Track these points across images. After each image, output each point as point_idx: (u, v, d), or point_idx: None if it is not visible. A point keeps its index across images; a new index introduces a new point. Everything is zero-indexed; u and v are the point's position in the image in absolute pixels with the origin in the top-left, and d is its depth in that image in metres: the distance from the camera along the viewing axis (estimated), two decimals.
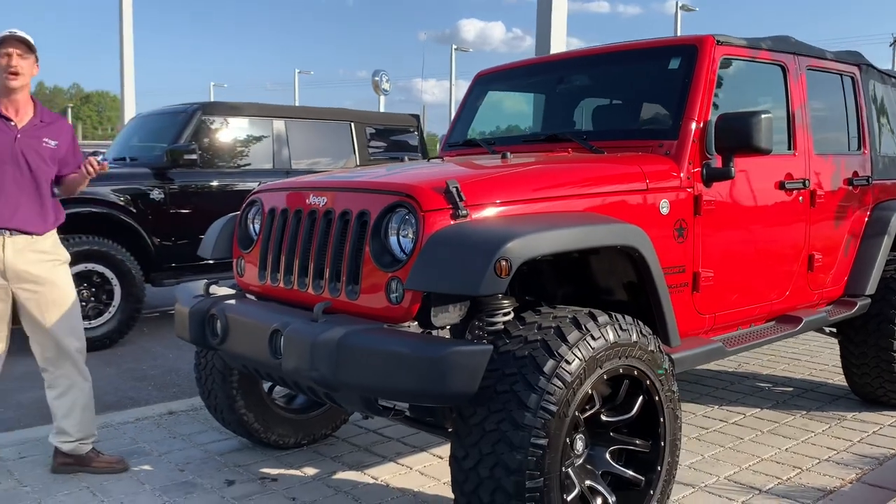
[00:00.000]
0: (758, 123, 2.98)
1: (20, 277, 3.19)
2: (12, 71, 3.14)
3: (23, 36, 3.18)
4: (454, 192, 2.42)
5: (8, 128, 3.19)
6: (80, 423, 3.37)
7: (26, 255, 3.19)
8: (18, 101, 3.24)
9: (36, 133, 3.25)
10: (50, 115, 3.38)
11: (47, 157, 3.26)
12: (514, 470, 2.17)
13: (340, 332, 2.31)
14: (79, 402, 3.37)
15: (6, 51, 3.13)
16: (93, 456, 3.39)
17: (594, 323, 2.38)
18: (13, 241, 3.15)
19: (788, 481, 3.36)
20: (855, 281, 4.11)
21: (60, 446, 3.37)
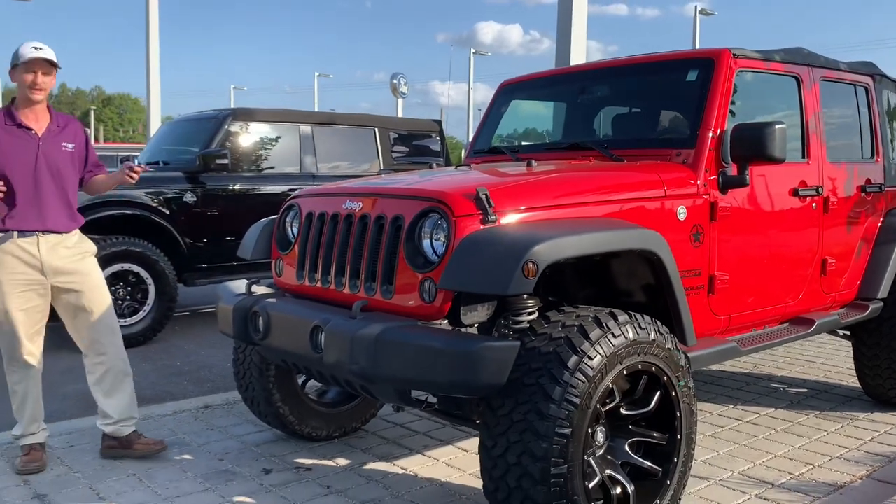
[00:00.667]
0: (772, 133, 3.13)
1: (56, 271, 3.43)
2: (37, 88, 3.38)
3: (48, 57, 3.39)
4: (484, 198, 2.59)
5: (30, 137, 3.41)
6: (119, 405, 3.60)
7: (58, 252, 3.43)
8: (38, 111, 3.46)
9: (55, 138, 3.47)
10: (63, 118, 3.58)
11: (68, 160, 3.50)
12: (540, 457, 2.34)
13: (379, 328, 2.49)
14: (117, 385, 3.61)
15: (33, 69, 3.36)
16: (134, 438, 3.62)
17: (615, 322, 2.54)
18: (46, 239, 3.39)
19: (800, 477, 3.50)
20: (868, 285, 4.23)
21: (103, 428, 3.61)
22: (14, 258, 3.37)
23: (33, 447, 3.51)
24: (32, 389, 3.53)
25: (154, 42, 17.35)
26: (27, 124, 3.41)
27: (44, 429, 3.60)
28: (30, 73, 3.35)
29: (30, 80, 3.35)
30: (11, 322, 3.40)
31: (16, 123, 3.40)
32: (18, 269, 3.37)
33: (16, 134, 3.38)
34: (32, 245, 3.38)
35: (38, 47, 3.39)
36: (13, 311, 3.39)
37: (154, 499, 3.19)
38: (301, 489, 3.30)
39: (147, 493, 3.24)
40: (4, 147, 3.35)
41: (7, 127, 3.38)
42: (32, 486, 3.29)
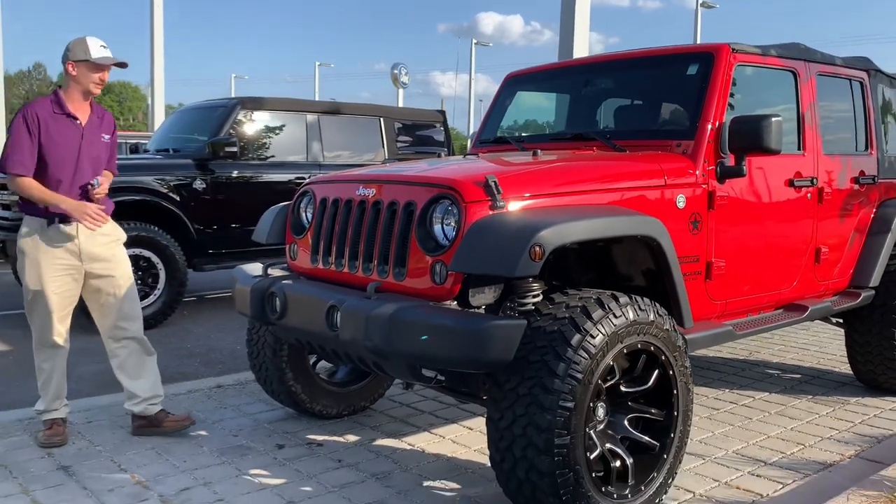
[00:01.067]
0: (768, 126, 3.26)
1: (92, 257, 3.59)
2: (101, 86, 3.59)
3: (119, 61, 3.60)
4: (493, 185, 2.72)
5: (75, 126, 3.55)
6: (145, 385, 3.76)
7: (96, 238, 3.58)
8: (85, 104, 3.61)
9: (95, 130, 3.63)
10: (101, 110, 3.72)
11: (104, 150, 3.66)
12: (545, 429, 2.48)
13: (393, 308, 2.63)
14: (141, 365, 3.77)
15: (101, 68, 3.55)
16: (162, 417, 3.76)
17: (616, 303, 2.68)
18: (83, 226, 3.51)
19: (791, 455, 3.65)
20: (860, 273, 4.38)
21: (132, 408, 3.75)
22: (55, 243, 3.51)
23: (55, 422, 3.65)
24: (58, 368, 3.67)
25: (158, 31, 17.41)
26: (74, 113, 3.54)
27: (65, 405, 3.74)
28: (98, 71, 3.52)
29: (97, 79, 3.53)
30: (47, 304, 3.54)
31: (64, 112, 3.52)
32: (58, 254, 3.52)
33: (62, 122, 3.51)
34: (73, 231, 3.52)
35: (105, 46, 3.55)
36: (49, 294, 3.53)
37: (173, 471, 3.34)
38: (314, 463, 3.45)
39: (166, 466, 3.39)
40: (53, 134, 3.47)
41: (55, 115, 3.50)
42: (56, 459, 3.44)
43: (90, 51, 3.50)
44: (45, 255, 3.50)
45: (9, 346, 5.85)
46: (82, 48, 3.50)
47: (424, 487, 3.21)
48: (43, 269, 3.50)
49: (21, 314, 6.94)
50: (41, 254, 3.50)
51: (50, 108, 3.52)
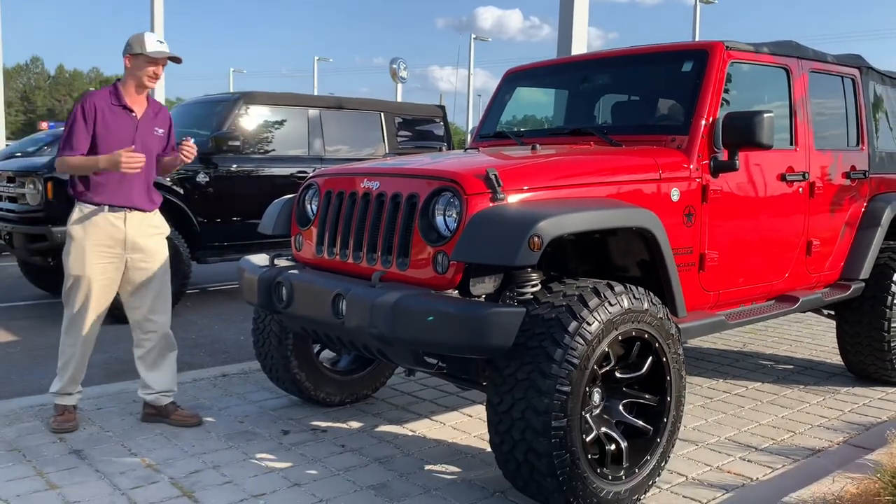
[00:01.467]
0: (760, 122, 3.36)
1: (135, 247, 3.68)
2: (155, 79, 3.69)
3: (174, 55, 3.72)
4: (493, 178, 2.82)
5: (131, 118, 3.67)
6: (161, 379, 3.85)
7: (142, 229, 3.70)
8: (142, 97, 3.73)
9: (150, 123, 3.74)
10: (156, 104, 3.83)
11: (157, 144, 3.78)
12: (542, 412, 2.59)
13: (396, 296, 2.74)
14: (160, 360, 3.87)
15: (157, 62, 3.66)
16: (172, 409, 3.84)
17: (612, 292, 2.78)
18: (132, 216, 3.65)
19: (782, 442, 3.76)
20: (850, 266, 4.48)
21: (144, 397, 3.85)
22: (101, 230, 3.60)
23: (67, 408, 3.74)
24: (81, 353, 3.73)
25: (158, 25, 17.46)
26: (130, 105, 3.66)
27: (79, 391, 3.82)
28: (153, 65, 3.64)
29: (151, 72, 3.64)
30: (86, 290, 3.62)
31: (120, 104, 3.64)
32: (104, 241, 3.61)
33: (118, 113, 3.63)
34: (120, 220, 3.63)
35: (162, 41, 3.67)
36: (91, 280, 3.61)
37: (182, 455, 3.44)
38: (318, 447, 3.56)
39: (175, 450, 3.50)
40: (109, 124, 3.59)
41: (112, 106, 3.62)
42: (68, 443, 3.54)
43: (145, 45, 3.60)
44: (91, 241, 3.59)
45: (16, 336, 5.95)
46: (139, 42, 3.62)
47: (425, 471, 3.31)
48: (87, 255, 3.59)
49: (28, 305, 7.10)
50: (88, 240, 3.59)
51: (108, 99, 3.63)
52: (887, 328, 4.50)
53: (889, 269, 4.54)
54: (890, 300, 4.50)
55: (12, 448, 3.47)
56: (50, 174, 6.16)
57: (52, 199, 6.14)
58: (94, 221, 3.60)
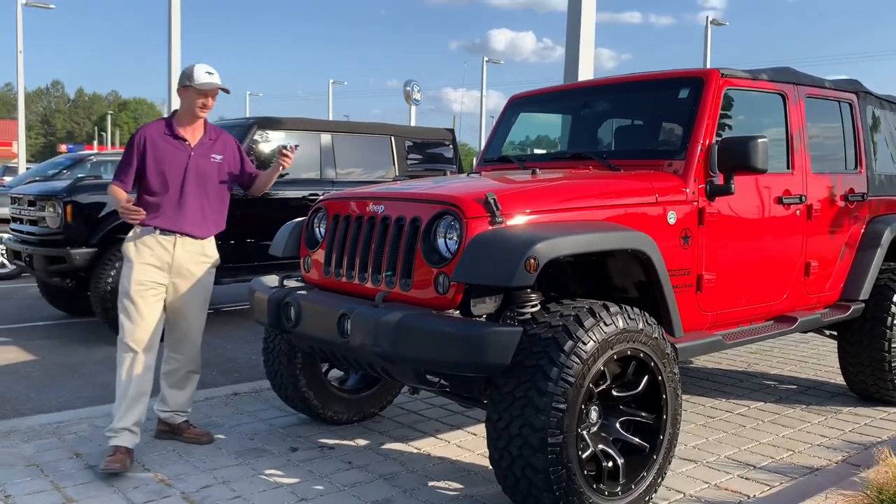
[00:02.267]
0: (755, 146, 3.47)
1: (180, 272, 3.76)
2: (205, 109, 3.80)
3: (223, 86, 3.82)
4: (492, 202, 2.94)
5: (184, 147, 3.77)
6: (179, 399, 3.95)
7: (192, 255, 3.78)
8: (195, 125, 3.84)
9: (205, 151, 3.83)
10: (215, 131, 3.92)
11: (215, 171, 3.85)
12: (539, 428, 2.68)
13: (399, 315, 2.85)
14: (182, 382, 3.95)
15: (206, 93, 3.77)
16: (184, 427, 3.95)
17: (607, 312, 2.88)
18: (182, 241, 3.74)
19: (781, 460, 3.82)
20: (850, 287, 4.55)
21: (159, 413, 3.95)
22: (149, 250, 3.69)
23: (119, 449, 3.53)
24: (135, 382, 3.60)
25: (175, 49, 17.82)
26: (183, 135, 3.78)
27: (135, 432, 3.62)
28: (203, 96, 3.75)
29: (201, 103, 3.76)
30: (132, 308, 3.64)
31: (173, 134, 3.77)
32: (152, 262, 3.69)
33: (172, 143, 3.75)
34: (169, 243, 3.72)
35: (211, 72, 3.78)
36: (136, 299, 3.64)
37: (193, 470, 3.55)
38: (325, 464, 3.66)
39: (187, 466, 3.60)
40: (160, 154, 3.72)
41: (165, 137, 3.75)
42: (84, 459, 3.66)
43: (194, 77, 3.73)
44: (139, 260, 3.68)
45: (35, 355, 6.10)
46: (188, 74, 3.75)
47: (429, 487, 3.40)
48: (134, 274, 3.66)
49: (46, 325, 7.27)
50: (137, 258, 3.68)
51: (161, 130, 3.77)
52: (888, 348, 4.55)
53: (889, 289, 4.60)
54: (890, 321, 4.55)
55: (31, 463, 3.60)
56: (69, 198, 6.36)
57: (72, 223, 6.33)
58: (145, 241, 3.70)
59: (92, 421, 4.22)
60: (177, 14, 17.98)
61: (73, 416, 4.35)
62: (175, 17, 17.96)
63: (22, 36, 26.28)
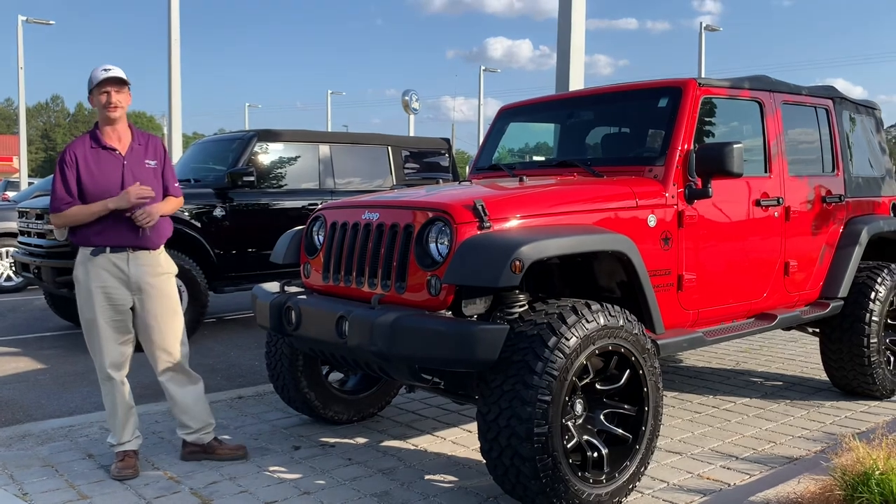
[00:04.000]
0: (730, 152, 3.65)
1: (140, 288, 3.63)
2: (112, 106, 3.59)
3: (118, 76, 3.58)
4: (480, 209, 3.13)
5: (115, 157, 3.60)
6: (195, 415, 3.80)
7: (146, 268, 3.63)
8: (119, 130, 3.65)
9: (138, 157, 3.65)
10: (144, 136, 3.73)
11: (151, 177, 3.65)
12: (525, 419, 2.86)
13: (394, 316, 3.03)
14: (189, 398, 3.79)
15: (104, 90, 3.57)
16: (216, 445, 3.83)
17: (589, 310, 3.06)
18: (135, 256, 3.61)
19: (762, 452, 3.99)
20: (829, 285, 4.73)
21: (185, 437, 3.83)
22: (105, 272, 3.57)
23: (127, 454, 3.64)
24: (120, 401, 3.66)
25: (175, 63, 18.06)
26: (111, 145, 3.60)
27: (137, 436, 3.73)
28: (103, 93, 3.57)
29: (104, 101, 3.57)
30: (100, 333, 3.59)
31: (101, 145, 3.60)
32: (109, 283, 3.58)
33: (102, 155, 3.58)
34: (122, 261, 3.58)
35: (107, 69, 3.60)
36: (102, 324, 3.58)
37: (201, 468, 3.72)
38: (326, 460, 3.83)
39: (194, 464, 3.78)
40: (92, 167, 3.55)
41: (93, 150, 3.59)
42: (97, 460, 3.84)
43: (91, 78, 3.58)
44: (95, 284, 3.57)
45: (45, 364, 6.28)
46: (90, 78, 3.58)
47: (425, 480, 3.58)
48: (94, 298, 3.57)
49: (54, 335, 7.46)
50: (92, 283, 3.57)
51: (88, 144, 3.60)
52: (867, 344, 4.72)
53: (867, 287, 4.78)
54: (869, 317, 4.72)
55: (46, 464, 3.77)
56: None
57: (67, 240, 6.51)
58: (97, 262, 3.56)
59: (102, 424, 4.39)
60: (176, 28, 18.23)
61: (84, 420, 4.53)
62: (174, 30, 18.21)
63: (23, 52, 26.59)
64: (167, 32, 18.19)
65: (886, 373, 4.85)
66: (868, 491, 2.74)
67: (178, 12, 17.94)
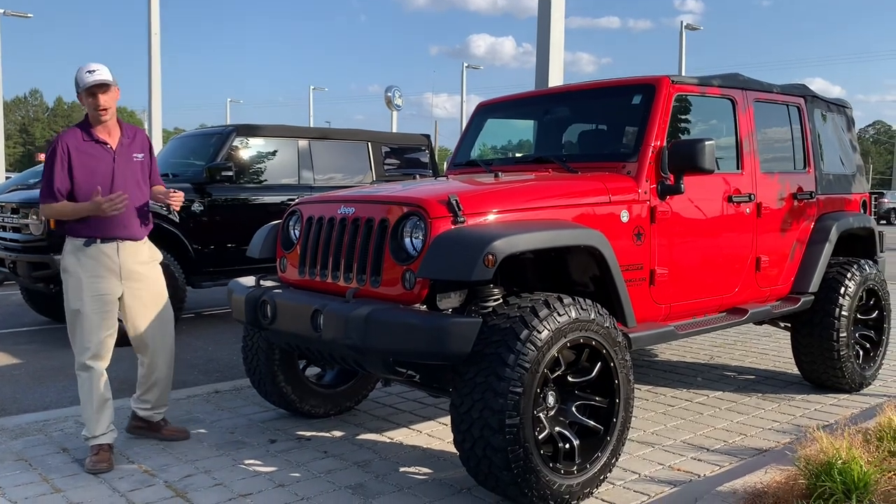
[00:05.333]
0: (702, 148, 3.71)
1: (130, 276, 3.76)
2: (101, 109, 3.66)
3: (103, 80, 3.63)
4: (454, 203, 3.16)
5: (106, 151, 3.71)
6: (157, 396, 4.00)
7: (136, 257, 3.78)
8: (109, 126, 3.75)
9: (127, 151, 3.77)
10: (131, 129, 3.85)
11: (139, 170, 3.81)
12: (497, 411, 2.89)
13: (368, 309, 3.06)
14: (159, 380, 3.98)
15: (91, 92, 3.63)
16: (162, 424, 4.06)
17: (560, 304, 3.10)
18: (125, 246, 3.73)
19: (732, 444, 4.06)
20: (800, 280, 4.82)
21: (137, 411, 4.06)
22: (96, 263, 3.66)
23: (101, 447, 3.65)
24: (96, 392, 3.67)
25: (156, 57, 17.94)
26: (102, 139, 3.70)
27: (111, 430, 3.73)
28: (91, 97, 3.63)
29: (93, 104, 3.64)
30: (86, 322, 3.64)
31: (92, 139, 3.68)
32: (99, 272, 3.67)
33: (94, 148, 3.68)
34: (113, 251, 3.69)
35: (92, 70, 3.63)
36: (89, 313, 3.64)
37: (176, 462, 3.73)
38: (302, 454, 3.85)
39: (169, 458, 3.78)
40: (84, 161, 3.64)
41: (84, 143, 3.66)
42: (71, 454, 3.83)
43: (78, 81, 3.63)
44: (86, 274, 3.64)
45: (20, 359, 6.24)
46: (75, 81, 3.65)
47: (400, 472, 3.61)
48: (84, 287, 3.63)
49: (30, 330, 7.40)
50: (83, 272, 3.64)
51: (80, 136, 3.67)
52: (837, 338, 4.81)
53: (837, 282, 4.86)
54: (838, 312, 4.81)
55: (20, 458, 3.76)
56: None
57: (55, 229, 6.44)
58: (88, 253, 3.65)
59: (77, 419, 4.38)
60: (156, 21, 18.10)
61: (59, 414, 4.51)
62: (155, 24, 18.08)
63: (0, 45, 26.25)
64: (147, 26, 18.06)
65: (855, 366, 4.95)
66: (830, 480, 2.81)
67: (157, 5, 17.77)
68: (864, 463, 2.90)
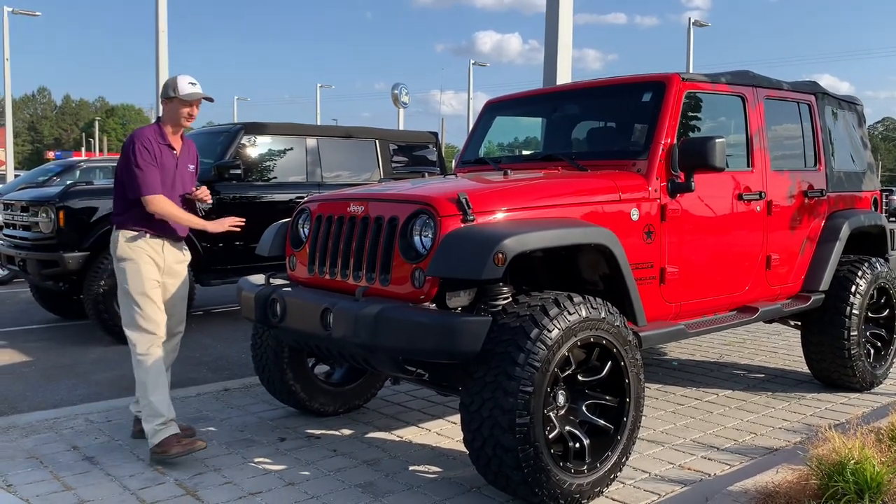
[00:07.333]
0: (713, 146, 3.69)
1: (170, 272, 3.93)
2: (192, 119, 3.93)
3: (206, 95, 3.92)
4: (464, 202, 3.15)
5: (173, 156, 3.91)
6: None
7: (176, 255, 3.98)
8: (178, 135, 3.97)
9: (185, 159, 4.00)
10: (188, 141, 4.06)
11: (189, 179, 4.02)
12: (507, 410, 2.89)
13: (378, 308, 3.05)
14: None
15: (191, 103, 3.87)
16: None
17: (571, 302, 3.09)
18: (169, 244, 3.91)
19: (742, 442, 4.04)
20: (811, 278, 4.79)
21: (138, 414, 3.94)
22: (144, 251, 3.82)
23: (182, 427, 3.81)
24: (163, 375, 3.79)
25: (163, 55, 17.95)
26: (172, 144, 3.92)
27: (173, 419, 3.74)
28: (187, 106, 3.86)
29: (186, 113, 3.87)
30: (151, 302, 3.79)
31: (165, 142, 3.88)
32: (148, 261, 3.83)
33: (165, 150, 3.87)
34: (159, 246, 3.86)
35: (194, 83, 3.88)
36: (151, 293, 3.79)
37: (186, 460, 3.72)
38: (312, 452, 3.85)
39: None
40: (159, 160, 3.81)
41: (160, 145, 3.85)
42: (82, 451, 3.85)
43: (178, 88, 3.83)
44: (143, 261, 3.80)
45: (30, 357, 6.27)
46: (172, 86, 3.84)
47: (409, 471, 3.61)
48: (144, 271, 3.79)
49: (40, 328, 7.42)
50: (140, 258, 3.80)
51: (156, 137, 3.86)
52: (847, 336, 4.78)
53: (848, 280, 4.84)
54: (849, 310, 4.79)
55: (31, 456, 3.78)
56: (62, 203, 6.53)
57: (64, 227, 6.50)
58: (139, 244, 3.82)
59: (87, 416, 4.41)
60: (164, 20, 18.11)
61: (70, 412, 4.53)
62: (162, 22, 18.09)
63: (8, 43, 26.37)
64: (154, 23, 18.08)
65: (866, 365, 4.92)
66: (843, 480, 2.79)
67: (165, 3, 17.80)
68: (877, 463, 2.88)
